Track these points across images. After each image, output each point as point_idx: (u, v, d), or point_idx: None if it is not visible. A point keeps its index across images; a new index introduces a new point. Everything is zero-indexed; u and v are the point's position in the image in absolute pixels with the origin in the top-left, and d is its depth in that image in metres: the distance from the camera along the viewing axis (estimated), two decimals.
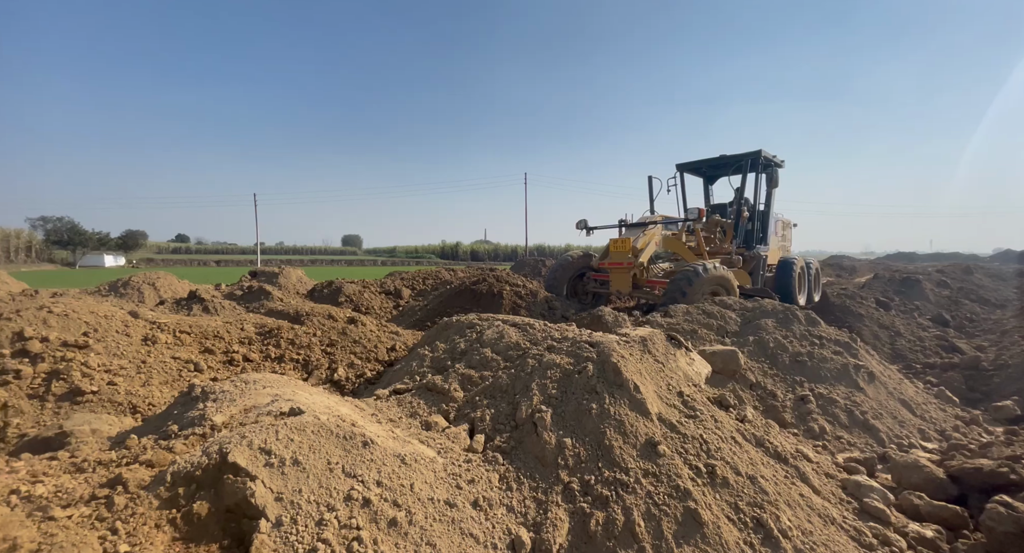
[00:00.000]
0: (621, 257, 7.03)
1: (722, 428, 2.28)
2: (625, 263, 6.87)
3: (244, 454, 1.69)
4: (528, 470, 1.99)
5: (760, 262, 8.93)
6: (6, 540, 1.25)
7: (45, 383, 2.90)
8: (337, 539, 1.50)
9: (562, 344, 2.63)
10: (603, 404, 2.18)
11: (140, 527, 1.46)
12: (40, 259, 48.85)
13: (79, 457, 1.96)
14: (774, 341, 4.34)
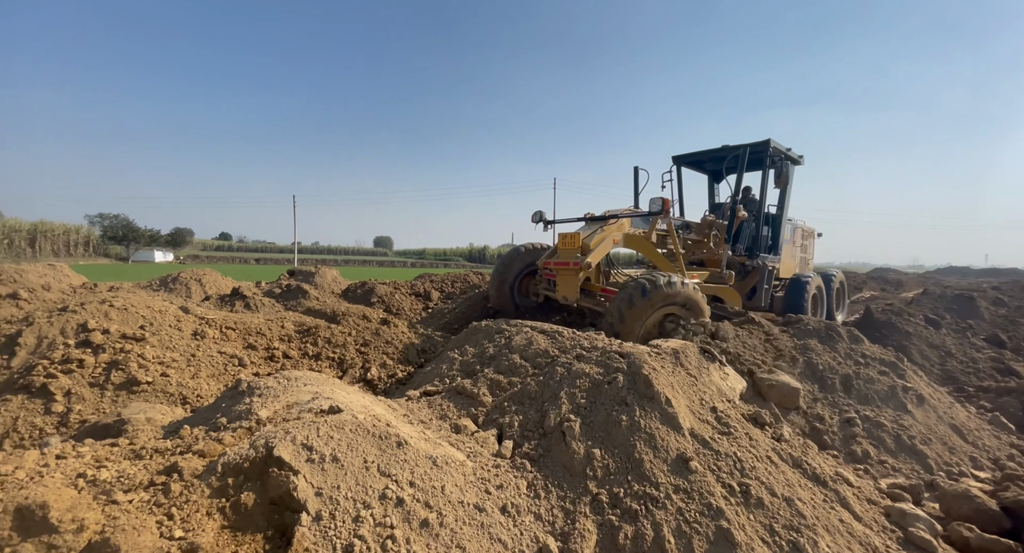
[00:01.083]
0: (568, 256, 5.42)
1: (757, 447, 2.22)
2: (571, 263, 5.22)
3: (288, 449, 1.77)
4: (556, 479, 1.99)
5: (766, 275, 7.61)
6: (75, 521, 1.36)
7: (105, 372, 3.11)
8: (372, 536, 1.55)
9: (591, 353, 2.62)
10: (633, 416, 2.17)
11: (193, 514, 1.55)
12: (97, 253, 52.21)
13: (137, 444, 2.10)
14: (824, 363, 4.20)
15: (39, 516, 1.30)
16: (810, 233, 9.66)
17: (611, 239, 5.46)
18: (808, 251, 9.53)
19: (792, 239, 8.67)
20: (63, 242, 47.59)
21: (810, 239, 9.66)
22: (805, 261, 9.35)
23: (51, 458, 1.87)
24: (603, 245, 5.37)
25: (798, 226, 9.01)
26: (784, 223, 8.07)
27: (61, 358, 3.08)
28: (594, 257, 5.19)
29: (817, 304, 8.21)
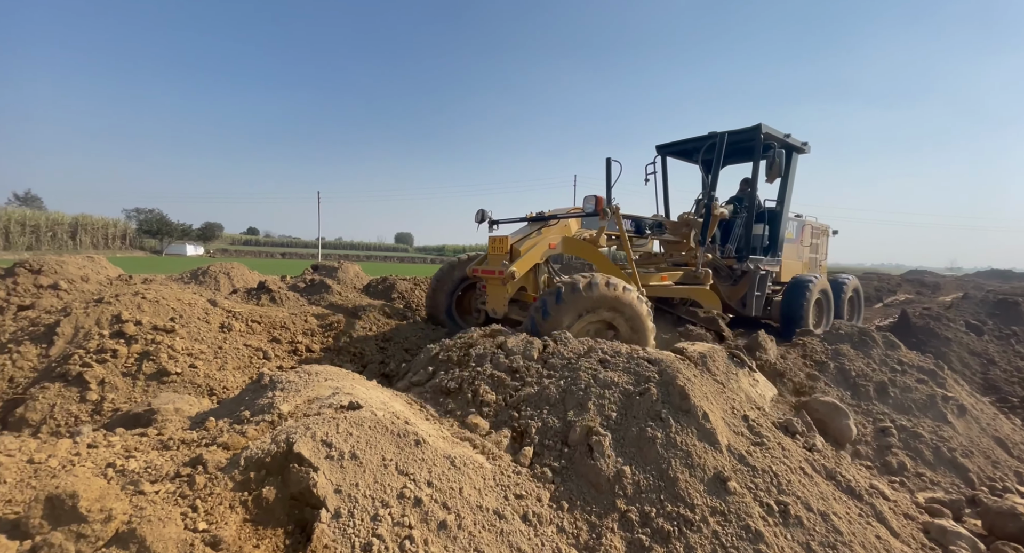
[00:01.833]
0: (496, 263, 4.68)
1: (790, 457, 2.12)
2: (496, 272, 4.46)
3: (308, 445, 1.77)
4: (580, 493, 1.92)
5: (757, 280, 6.55)
6: (103, 511, 1.38)
7: (137, 363, 3.20)
8: (390, 536, 1.54)
9: (617, 359, 2.52)
10: (669, 432, 2.06)
11: (216, 507, 1.57)
12: (132, 246, 54.38)
13: (165, 435, 2.14)
14: (857, 369, 4.02)
15: (69, 505, 1.33)
16: (822, 231, 8.62)
17: (546, 243, 4.62)
18: (819, 251, 8.51)
19: (798, 238, 7.76)
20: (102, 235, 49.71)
21: (822, 238, 8.63)
22: (815, 262, 8.38)
23: (83, 447, 1.92)
24: (534, 250, 4.54)
25: (807, 223, 8.02)
26: (785, 220, 7.10)
27: (96, 348, 3.19)
28: (521, 265, 4.37)
29: (822, 311, 7.14)
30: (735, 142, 6.79)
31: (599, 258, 4.95)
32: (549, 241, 4.68)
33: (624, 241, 5.05)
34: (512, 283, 4.45)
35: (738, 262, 6.69)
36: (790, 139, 6.76)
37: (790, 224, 7.40)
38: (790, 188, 7.03)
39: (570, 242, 4.86)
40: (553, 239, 4.72)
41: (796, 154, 7.03)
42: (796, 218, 7.67)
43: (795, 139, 6.87)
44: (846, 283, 7.81)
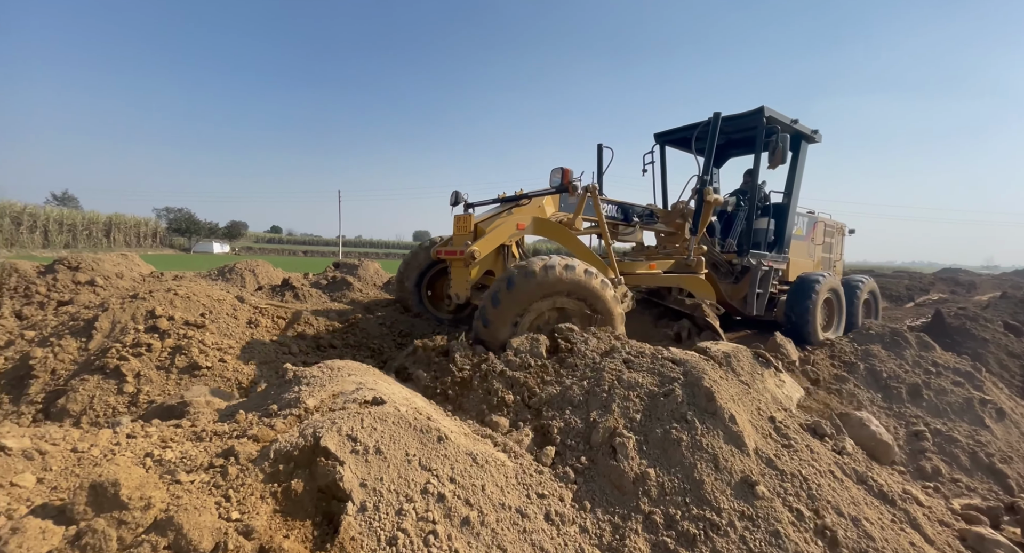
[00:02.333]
0: (460, 244, 4.37)
1: (819, 461, 2.07)
2: (458, 252, 4.19)
3: (334, 439, 1.81)
4: (603, 493, 1.91)
5: (759, 277, 6.12)
6: (142, 499, 1.44)
7: (170, 356, 3.32)
8: (415, 530, 1.56)
9: (640, 359, 2.49)
10: (695, 435, 2.03)
11: (248, 497, 1.61)
12: (163, 244, 56.29)
13: (198, 426, 2.22)
14: (888, 371, 3.88)
15: (111, 493, 1.39)
16: (837, 229, 8.05)
17: (513, 224, 4.22)
18: (834, 250, 7.99)
19: (809, 235, 7.24)
20: (134, 234, 51.59)
21: (837, 236, 8.08)
22: (829, 262, 7.85)
23: (122, 437, 2.00)
24: (499, 230, 4.17)
25: (819, 220, 7.49)
26: (792, 214, 6.61)
27: (132, 342, 3.31)
28: (483, 245, 4.02)
29: (832, 312, 6.63)
30: (737, 130, 6.27)
31: (572, 242, 4.48)
32: (517, 221, 4.27)
33: (601, 224, 4.58)
34: (476, 266, 4.10)
35: (738, 257, 6.21)
36: (798, 126, 6.20)
37: (799, 220, 6.96)
38: (798, 180, 6.53)
39: (542, 224, 4.38)
40: (522, 219, 4.31)
41: (805, 143, 6.49)
42: (808, 214, 7.23)
43: (804, 126, 6.31)
44: (861, 284, 7.26)
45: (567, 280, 3.58)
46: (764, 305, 6.24)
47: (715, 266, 6.17)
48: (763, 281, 6.19)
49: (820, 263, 7.54)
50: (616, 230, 5.49)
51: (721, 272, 6.29)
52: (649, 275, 5.27)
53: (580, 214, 4.65)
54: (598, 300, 3.70)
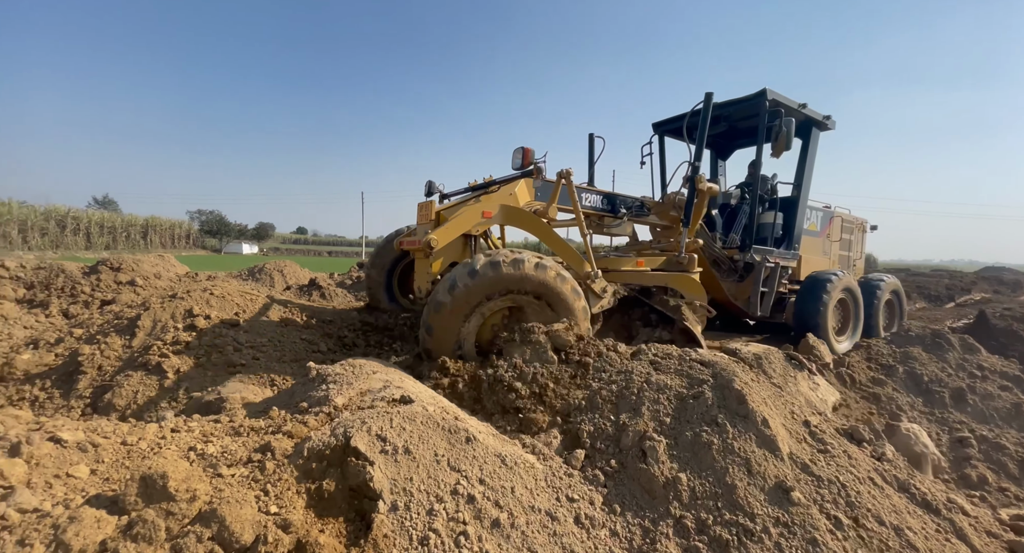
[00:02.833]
0: (422, 233, 4.10)
1: (858, 467, 2.00)
2: (419, 241, 3.92)
3: (364, 440, 1.84)
4: (633, 497, 1.89)
5: (762, 275, 5.59)
6: (188, 491, 1.50)
7: (207, 354, 3.44)
8: (446, 530, 1.58)
9: (668, 361, 2.45)
10: (726, 438, 1.99)
11: (285, 492, 1.66)
12: (195, 246, 58.47)
13: (235, 422, 2.29)
14: (930, 374, 3.73)
15: (160, 485, 1.45)
16: (857, 225, 7.45)
17: (476, 212, 3.86)
18: (853, 248, 7.41)
19: (824, 231, 6.70)
20: (169, 235, 53.72)
21: (857, 233, 7.47)
22: (847, 260, 7.25)
23: (167, 431, 2.09)
24: (460, 218, 3.81)
25: (836, 214, 6.93)
26: (803, 208, 6.11)
27: (172, 340, 3.45)
28: (442, 234, 3.68)
29: (847, 315, 6.10)
30: (743, 117, 5.76)
31: (545, 232, 4.08)
32: (483, 209, 3.89)
33: (576, 213, 4.17)
34: (439, 258, 3.73)
35: (740, 253, 5.73)
36: (807, 110, 5.69)
37: (813, 214, 6.46)
38: (809, 170, 6.05)
39: (511, 212, 3.98)
40: (489, 207, 3.91)
41: (816, 129, 5.95)
42: (824, 208, 6.74)
43: (814, 111, 5.80)
44: (881, 284, 6.64)
45: (516, 276, 3.25)
46: (770, 306, 5.70)
47: (716, 263, 5.73)
48: (769, 280, 5.64)
49: (837, 261, 7.02)
50: (602, 222, 5.14)
51: (723, 270, 5.84)
52: (635, 272, 4.82)
53: (555, 202, 4.24)
54: (554, 296, 3.36)
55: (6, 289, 5.59)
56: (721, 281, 5.68)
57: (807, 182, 6.03)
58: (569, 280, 3.42)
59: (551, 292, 3.34)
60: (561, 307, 3.37)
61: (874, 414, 3.26)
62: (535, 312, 3.38)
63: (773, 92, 5.31)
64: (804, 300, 5.57)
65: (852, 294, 5.98)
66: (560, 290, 3.35)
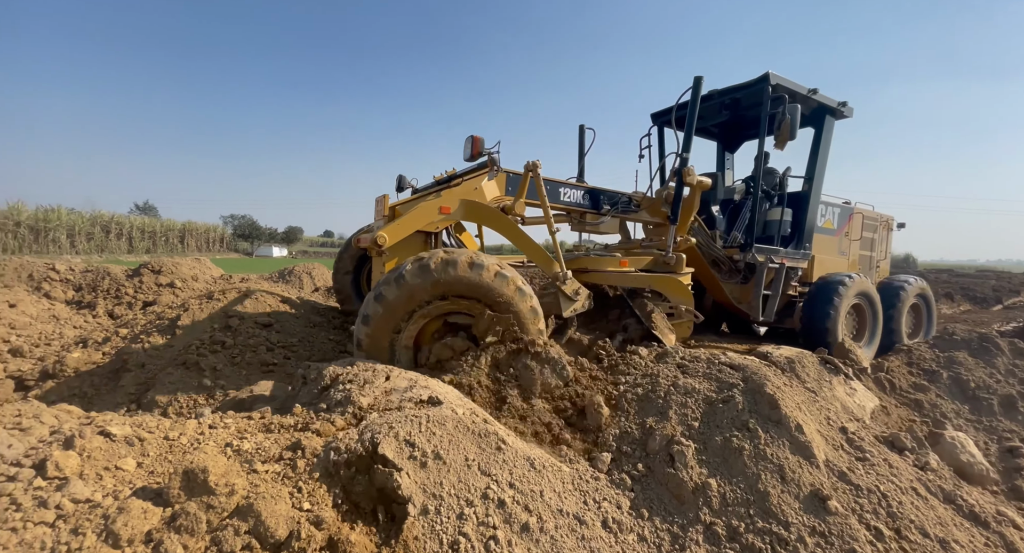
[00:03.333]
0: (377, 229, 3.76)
1: (899, 476, 1.92)
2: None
3: (392, 446, 1.85)
4: (661, 502, 1.87)
5: (764, 276, 5.17)
6: (227, 485, 1.55)
7: (241, 353, 3.57)
8: (476, 535, 1.58)
9: (696, 364, 2.40)
10: (758, 444, 1.94)
11: (316, 489, 1.71)
12: (228, 249, 60.68)
13: (267, 419, 2.36)
14: (977, 380, 3.54)
15: (201, 479, 1.51)
16: (881, 222, 6.86)
17: (433, 208, 3.55)
18: (876, 248, 6.82)
19: (842, 229, 6.18)
20: (204, 239, 55.87)
21: (881, 231, 6.88)
22: (869, 261, 6.69)
23: (205, 427, 2.17)
24: (414, 215, 3.51)
25: (857, 211, 6.37)
26: (816, 203, 5.61)
27: (209, 340, 3.59)
28: (392, 231, 3.39)
29: (863, 321, 5.60)
30: (749, 106, 5.26)
31: (510, 230, 3.71)
32: (441, 204, 3.57)
33: (544, 209, 3.83)
34: (393, 257, 3.43)
35: (741, 252, 5.23)
36: (818, 96, 5.19)
37: (829, 210, 5.96)
38: (822, 162, 5.55)
39: (474, 208, 3.65)
40: (448, 202, 3.58)
41: (831, 118, 5.48)
42: (842, 205, 6.23)
43: (827, 97, 5.29)
44: (906, 287, 6.05)
45: (450, 279, 2.98)
46: (773, 310, 5.20)
47: (716, 264, 5.32)
48: (774, 282, 5.18)
49: (857, 262, 6.47)
50: (583, 220, 4.82)
51: (723, 271, 5.42)
52: (617, 273, 4.49)
53: (522, 197, 3.88)
54: (495, 298, 3.05)
55: (57, 291, 5.93)
56: (723, 283, 5.39)
57: (820, 175, 5.53)
58: (512, 279, 3.10)
59: (492, 294, 3.04)
60: (505, 309, 3.07)
61: (916, 421, 3.10)
62: (481, 318, 3.10)
63: (777, 76, 4.85)
64: (812, 305, 5.17)
65: (868, 299, 5.51)
66: (502, 291, 3.05)
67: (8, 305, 4.70)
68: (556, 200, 4.26)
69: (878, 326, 5.58)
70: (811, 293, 5.35)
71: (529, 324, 3.06)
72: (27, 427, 1.80)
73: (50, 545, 1.32)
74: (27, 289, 5.78)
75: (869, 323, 5.54)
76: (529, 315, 3.09)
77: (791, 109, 4.43)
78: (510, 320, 3.00)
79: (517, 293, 3.08)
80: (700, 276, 5.43)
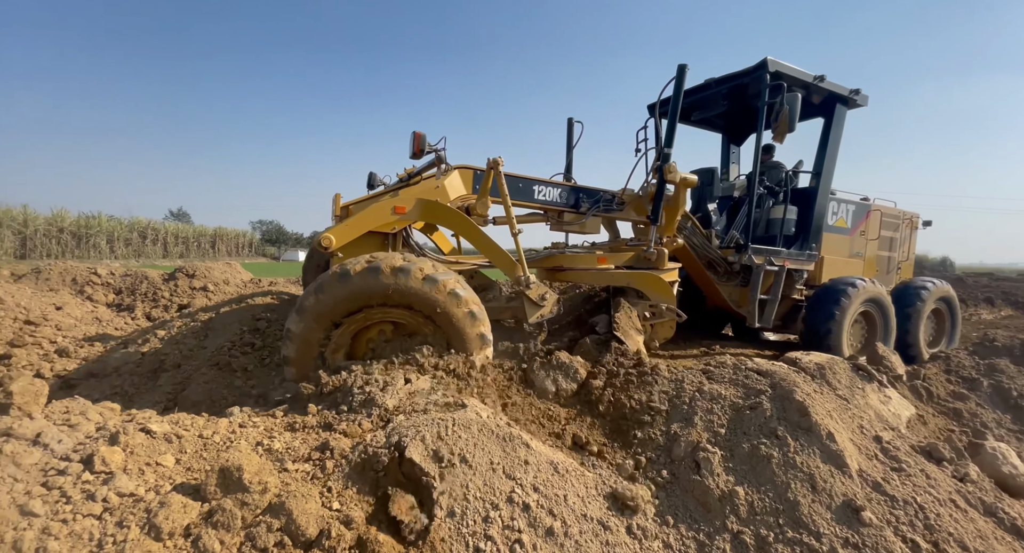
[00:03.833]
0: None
1: (937, 488, 1.84)
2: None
3: (418, 449, 1.88)
4: (686, 509, 1.84)
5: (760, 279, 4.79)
6: (260, 483, 1.61)
7: (270, 354, 3.68)
8: (501, 538, 1.60)
9: (723, 370, 2.36)
10: (787, 452, 1.89)
11: (345, 490, 1.75)
12: (256, 254, 62.52)
13: (291, 418, 2.43)
14: (1020, 389, 3.38)
15: (236, 477, 1.57)
16: (903, 221, 6.28)
17: (386, 207, 3.31)
18: (898, 248, 6.26)
19: (857, 227, 5.69)
20: (234, 244, 57.74)
21: (904, 230, 6.31)
22: (889, 263, 6.17)
23: (236, 426, 2.25)
24: (365, 215, 3.30)
25: (875, 208, 5.86)
26: (824, 199, 5.16)
27: (240, 341, 3.72)
28: (339, 233, 3.21)
29: (874, 329, 5.14)
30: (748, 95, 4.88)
31: (471, 231, 3.46)
32: (396, 204, 3.33)
33: (507, 208, 3.55)
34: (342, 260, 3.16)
35: (736, 253, 4.88)
36: (827, 84, 4.80)
37: (841, 208, 5.52)
38: (832, 155, 5.12)
39: (431, 208, 3.38)
40: (404, 202, 3.34)
41: (841, 106, 5.06)
42: (859, 202, 5.76)
43: (836, 84, 4.87)
44: (924, 291, 5.50)
45: (399, 287, 2.72)
46: (771, 316, 4.83)
47: (711, 265, 5.01)
48: (773, 286, 4.80)
49: (875, 263, 5.96)
50: (560, 219, 4.51)
51: (720, 273, 5.10)
52: (594, 271, 4.25)
53: (484, 196, 3.61)
54: (444, 317, 2.80)
55: (99, 294, 6.23)
56: (719, 286, 5.09)
57: (830, 169, 5.08)
58: (467, 302, 2.85)
59: (442, 313, 2.80)
60: (452, 331, 2.84)
61: (955, 431, 2.97)
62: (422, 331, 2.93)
63: (776, 62, 4.48)
64: (813, 313, 4.80)
65: (879, 306, 5.03)
66: (452, 311, 2.80)
67: (55, 307, 4.96)
68: (530, 199, 4.04)
69: (890, 336, 5.14)
70: (813, 298, 5.00)
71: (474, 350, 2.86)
72: (75, 423, 1.90)
73: (97, 537, 1.39)
74: (71, 292, 6.09)
75: (879, 332, 5.10)
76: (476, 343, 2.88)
77: (790, 98, 4.11)
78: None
79: (467, 318, 2.84)
80: (696, 279, 5.23)
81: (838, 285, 4.84)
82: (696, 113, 5.79)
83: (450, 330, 2.84)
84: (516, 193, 3.90)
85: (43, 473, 1.55)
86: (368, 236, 3.38)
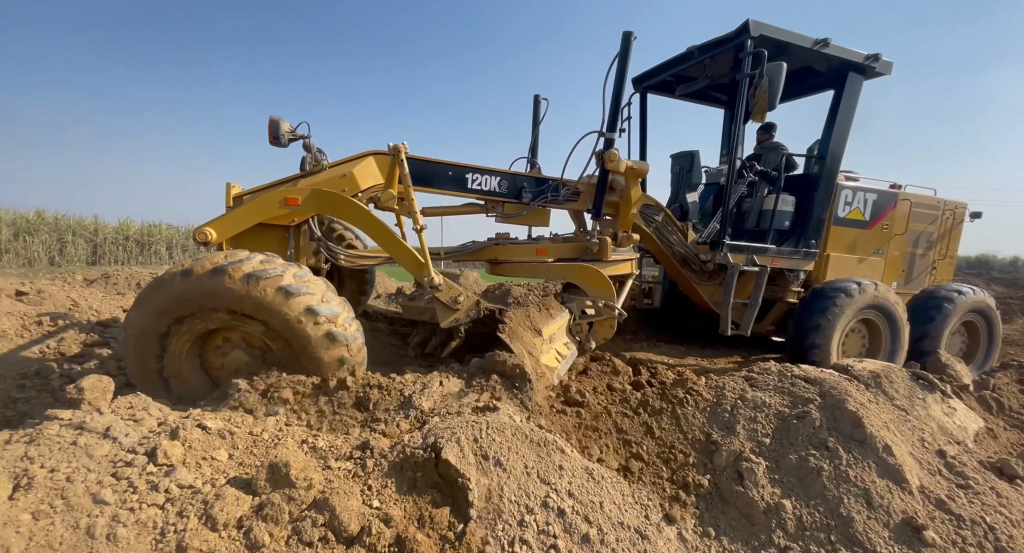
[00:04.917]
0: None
1: (1009, 507, 1.70)
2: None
3: (454, 451, 1.90)
4: (728, 521, 1.77)
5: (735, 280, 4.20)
6: (306, 479, 1.68)
7: None
8: (536, 542, 1.60)
9: (766, 377, 2.27)
10: (839, 464, 1.80)
11: (384, 489, 1.80)
12: None
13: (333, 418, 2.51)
14: None
15: (283, 473, 1.64)
16: (943, 212, 5.22)
17: (277, 198, 3.03)
18: (935, 244, 5.22)
19: (876, 220, 4.81)
20: None
21: (945, 223, 5.24)
22: (920, 262, 5.20)
23: (282, 424, 2.36)
24: (252, 206, 3.01)
25: (903, 196, 4.93)
26: (830, 186, 4.39)
27: None
28: (220, 226, 2.92)
29: (879, 341, 4.40)
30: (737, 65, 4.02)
31: (372, 224, 3.10)
32: (288, 194, 3.04)
33: (409, 199, 3.12)
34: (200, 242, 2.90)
35: (711, 250, 4.28)
36: (831, 49, 3.96)
37: (858, 197, 4.69)
38: (842, 133, 4.28)
39: (326, 199, 3.08)
40: (297, 192, 3.06)
41: (855, 76, 4.18)
42: (883, 190, 4.89)
43: (847, 49, 4.07)
44: (950, 302, 4.58)
45: (236, 291, 2.41)
46: (750, 323, 4.21)
47: (686, 262, 4.45)
48: (755, 288, 4.17)
49: (900, 263, 5.04)
50: (502, 209, 4.04)
51: (695, 271, 4.53)
52: (533, 265, 3.85)
53: (392, 187, 3.21)
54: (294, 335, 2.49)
55: None
56: (698, 285, 4.54)
57: (838, 152, 4.27)
58: (325, 321, 2.52)
59: (291, 329, 2.46)
60: (301, 351, 2.52)
61: None
62: (262, 343, 2.64)
63: (761, 24, 3.74)
64: (798, 318, 4.21)
65: (886, 314, 4.31)
66: (301, 331, 2.47)
67: (122, 310, 5.35)
68: (463, 188, 3.69)
69: (898, 349, 4.37)
70: (799, 305, 4.36)
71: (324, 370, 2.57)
72: (139, 418, 2.04)
73: (160, 525, 1.48)
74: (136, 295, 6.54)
75: (885, 344, 4.38)
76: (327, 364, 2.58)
77: (771, 69, 3.46)
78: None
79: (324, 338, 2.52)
80: (674, 278, 4.80)
81: (828, 290, 4.17)
82: (681, 87, 4.97)
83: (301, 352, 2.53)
84: (447, 182, 3.63)
85: (112, 464, 1.68)
86: (264, 229, 3.11)
